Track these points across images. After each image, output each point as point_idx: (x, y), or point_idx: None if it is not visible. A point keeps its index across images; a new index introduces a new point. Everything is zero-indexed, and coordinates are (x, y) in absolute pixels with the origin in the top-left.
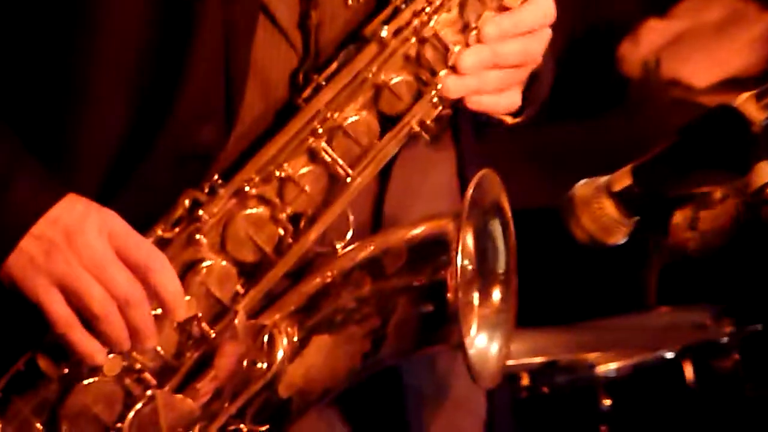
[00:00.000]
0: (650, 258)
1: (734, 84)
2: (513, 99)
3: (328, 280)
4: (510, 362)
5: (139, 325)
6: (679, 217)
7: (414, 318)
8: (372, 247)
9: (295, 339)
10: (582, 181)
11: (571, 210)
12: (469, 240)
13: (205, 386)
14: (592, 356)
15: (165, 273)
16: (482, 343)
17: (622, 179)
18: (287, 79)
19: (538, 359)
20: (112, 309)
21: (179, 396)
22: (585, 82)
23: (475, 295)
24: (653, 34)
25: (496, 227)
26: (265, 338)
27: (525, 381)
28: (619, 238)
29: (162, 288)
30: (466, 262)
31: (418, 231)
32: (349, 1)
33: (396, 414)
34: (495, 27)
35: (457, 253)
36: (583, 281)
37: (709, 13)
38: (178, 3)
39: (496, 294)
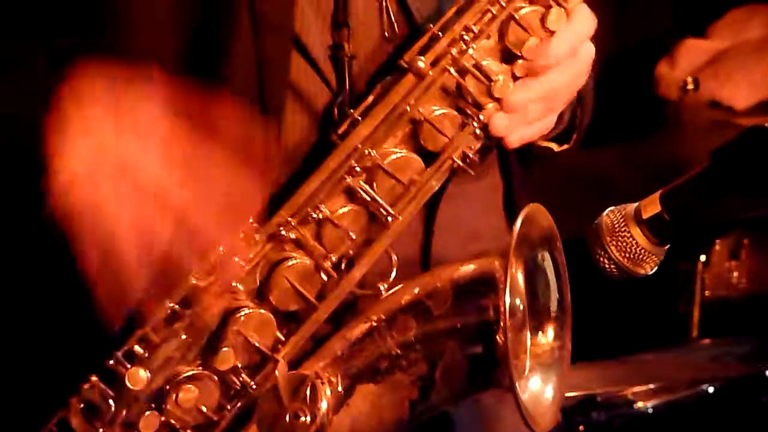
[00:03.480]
0: (692, 289)
1: None
2: (549, 123)
3: (372, 324)
4: None
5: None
6: (721, 246)
7: (462, 362)
8: (417, 289)
9: (339, 389)
10: (609, 209)
11: (597, 239)
12: (520, 277)
13: None
14: (630, 392)
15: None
16: (536, 385)
17: (651, 206)
18: (320, 115)
19: (573, 394)
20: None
21: None
22: (622, 104)
23: (528, 335)
24: (691, 54)
25: (548, 263)
26: (308, 389)
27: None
28: (649, 269)
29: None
30: (516, 301)
31: (464, 270)
32: (387, 33)
33: None
34: (539, 54)
35: (505, 292)
36: (625, 314)
37: (749, 31)
38: (208, 38)
39: (550, 332)
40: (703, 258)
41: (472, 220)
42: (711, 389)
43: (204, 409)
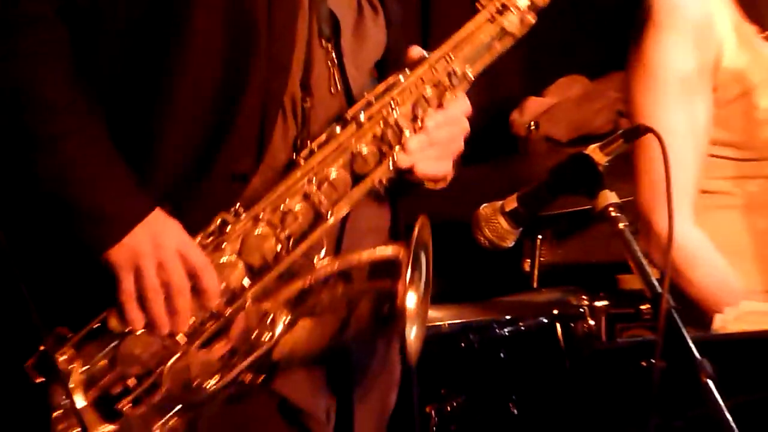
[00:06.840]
0: (533, 257)
1: (589, 139)
2: (447, 167)
3: (309, 283)
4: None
5: (180, 310)
6: (551, 230)
7: (370, 313)
8: (338, 263)
9: (287, 321)
10: (483, 205)
11: (476, 224)
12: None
13: (221, 347)
14: (494, 321)
15: (212, 275)
16: (410, 332)
17: (511, 203)
18: (289, 144)
19: (456, 321)
20: (160, 299)
21: (203, 350)
22: (489, 139)
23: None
24: (533, 106)
25: (422, 258)
26: (269, 318)
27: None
28: (509, 243)
29: (207, 285)
30: (407, 277)
31: (379, 252)
32: (332, 90)
33: (345, 381)
34: (432, 120)
35: (407, 270)
36: (491, 272)
37: (571, 90)
38: (235, 73)
39: (417, 300)
40: (540, 237)
41: (371, 220)
42: (546, 320)
43: (192, 321)
